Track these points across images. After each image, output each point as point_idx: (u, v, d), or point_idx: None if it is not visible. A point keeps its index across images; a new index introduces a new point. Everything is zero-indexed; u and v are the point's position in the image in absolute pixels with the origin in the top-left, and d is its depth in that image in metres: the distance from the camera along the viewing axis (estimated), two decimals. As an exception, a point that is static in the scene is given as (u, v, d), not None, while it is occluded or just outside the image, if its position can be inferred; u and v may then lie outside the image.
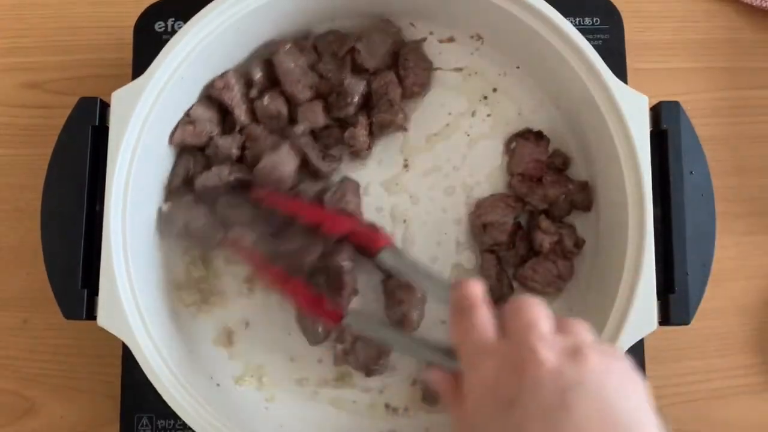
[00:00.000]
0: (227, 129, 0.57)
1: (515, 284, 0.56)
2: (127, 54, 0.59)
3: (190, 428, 0.49)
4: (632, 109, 0.50)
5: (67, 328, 0.59)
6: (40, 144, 0.58)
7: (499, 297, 0.55)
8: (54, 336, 0.60)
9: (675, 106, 0.52)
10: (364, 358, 0.54)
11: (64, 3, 0.65)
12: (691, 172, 0.52)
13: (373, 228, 0.52)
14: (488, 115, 0.59)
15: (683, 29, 0.65)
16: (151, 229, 0.55)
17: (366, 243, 0.51)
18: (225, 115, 0.57)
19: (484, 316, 0.39)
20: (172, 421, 0.55)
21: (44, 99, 0.63)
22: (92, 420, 0.59)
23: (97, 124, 0.52)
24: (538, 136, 0.57)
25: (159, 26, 0.59)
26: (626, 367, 0.35)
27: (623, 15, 0.60)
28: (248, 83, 0.57)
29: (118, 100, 0.51)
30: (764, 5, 0.64)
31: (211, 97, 0.56)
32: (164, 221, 0.55)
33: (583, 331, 0.37)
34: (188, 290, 0.56)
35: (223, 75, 0.56)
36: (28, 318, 0.60)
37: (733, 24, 0.65)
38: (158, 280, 0.55)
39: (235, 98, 0.56)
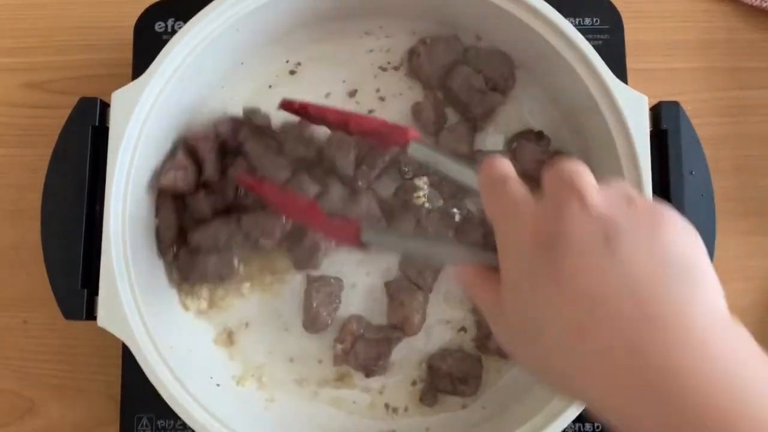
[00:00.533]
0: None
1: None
2: (127, 54, 0.58)
3: (190, 428, 0.49)
4: (632, 109, 0.50)
5: (67, 328, 0.58)
6: (40, 144, 0.58)
7: None
8: (54, 336, 0.60)
9: (675, 106, 0.52)
10: (363, 359, 0.54)
11: (64, 3, 0.65)
12: (691, 172, 0.52)
13: (397, 125, 0.49)
14: (488, 115, 0.59)
15: (683, 29, 0.65)
16: (151, 229, 0.55)
17: (395, 137, 0.48)
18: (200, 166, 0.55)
19: (517, 182, 0.36)
20: (172, 421, 0.54)
21: (44, 99, 0.63)
22: (92, 420, 0.59)
23: (97, 124, 0.52)
24: (539, 136, 0.57)
25: (159, 26, 0.59)
26: (679, 218, 0.31)
27: (623, 15, 0.59)
28: (221, 142, 0.56)
29: (118, 100, 0.51)
30: (764, 5, 0.64)
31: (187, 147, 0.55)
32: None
33: (628, 186, 0.33)
34: (192, 297, 0.56)
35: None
36: (28, 318, 0.60)
37: (732, 24, 0.65)
38: (158, 280, 0.55)
39: (206, 150, 0.54)
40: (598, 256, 0.30)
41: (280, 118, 0.55)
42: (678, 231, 0.31)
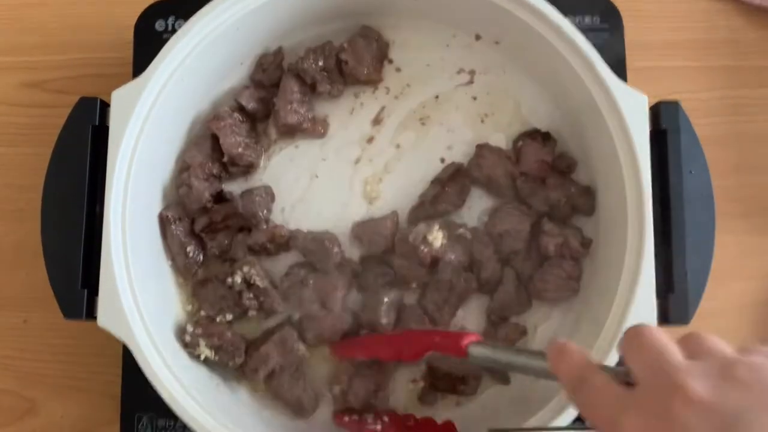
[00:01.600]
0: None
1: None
2: (127, 54, 0.59)
3: (189, 428, 0.49)
4: (632, 108, 0.50)
5: (67, 328, 0.59)
6: (41, 144, 0.58)
7: (518, 312, 0.55)
8: (54, 336, 0.60)
9: (674, 105, 0.52)
10: (364, 394, 0.53)
11: (64, 3, 0.65)
12: (691, 172, 0.52)
13: (451, 333, 0.51)
14: (486, 115, 0.59)
15: (683, 29, 0.65)
16: (151, 229, 0.55)
17: (452, 347, 0.47)
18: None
19: (600, 379, 0.33)
20: (172, 421, 0.54)
21: (44, 98, 0.63)
22: (92, 420, 0.59)
23: (97, 123, 0.52)
24: (546, 137, 0.57)
25: (159, 26, 0.59)
26: None
27: (623, 15, 0.59)
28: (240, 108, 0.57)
29: (118, 99, 0.51)
30: (764, 5, 0.64)
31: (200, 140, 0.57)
32: None
33: (717, 343, 0.32)
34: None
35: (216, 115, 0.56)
36: (28, 318, 0.60)
37: (733, 23, 0.65)
38: (159, 281, 0.55)
39: (225, 128, 0.55)
40: None
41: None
42: None
